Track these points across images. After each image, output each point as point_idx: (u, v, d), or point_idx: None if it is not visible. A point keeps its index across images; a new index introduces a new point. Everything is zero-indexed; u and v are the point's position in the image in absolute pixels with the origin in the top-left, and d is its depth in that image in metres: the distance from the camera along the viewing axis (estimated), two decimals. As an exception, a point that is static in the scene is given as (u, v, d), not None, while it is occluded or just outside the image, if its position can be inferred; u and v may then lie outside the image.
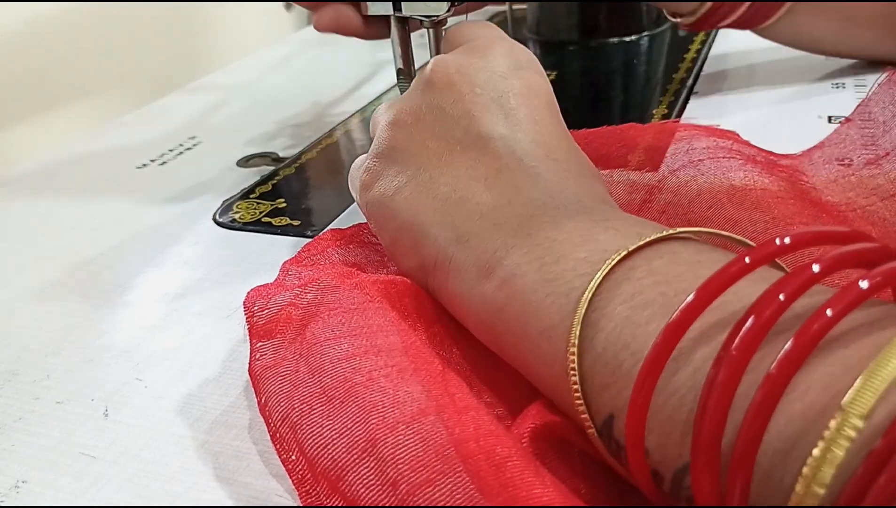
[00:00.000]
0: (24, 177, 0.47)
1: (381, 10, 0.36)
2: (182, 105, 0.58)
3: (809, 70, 0.48)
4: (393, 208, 0.26)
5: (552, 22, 0.61)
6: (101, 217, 0.40)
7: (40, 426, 0.25)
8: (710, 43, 0.58)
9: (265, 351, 0.25)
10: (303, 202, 0.40)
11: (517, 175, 0.25)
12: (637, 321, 0.18)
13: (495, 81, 0.27)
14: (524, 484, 0.17)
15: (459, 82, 0.27)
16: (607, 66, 0.55)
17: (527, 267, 0.22)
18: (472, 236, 0.24)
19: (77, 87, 0.74)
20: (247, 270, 0.34)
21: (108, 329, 0.30)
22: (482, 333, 0.24)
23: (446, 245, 0.25)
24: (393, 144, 0.28)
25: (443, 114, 0.27)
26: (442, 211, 0.25)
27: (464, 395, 0.21)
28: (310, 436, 0.21)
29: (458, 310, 0.25)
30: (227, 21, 0.94)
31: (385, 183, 0.27)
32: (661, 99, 0.47)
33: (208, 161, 0.47)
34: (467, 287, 0.24)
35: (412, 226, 0.26)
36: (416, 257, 0.26)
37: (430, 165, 0.26)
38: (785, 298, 0.16)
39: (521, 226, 0.23)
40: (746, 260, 0.17)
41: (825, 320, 0.15)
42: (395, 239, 0.27)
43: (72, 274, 0.35)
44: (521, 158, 0.25)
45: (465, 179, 0.25)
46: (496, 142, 0.26)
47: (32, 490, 0.23)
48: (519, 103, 0.27)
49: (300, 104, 0.55)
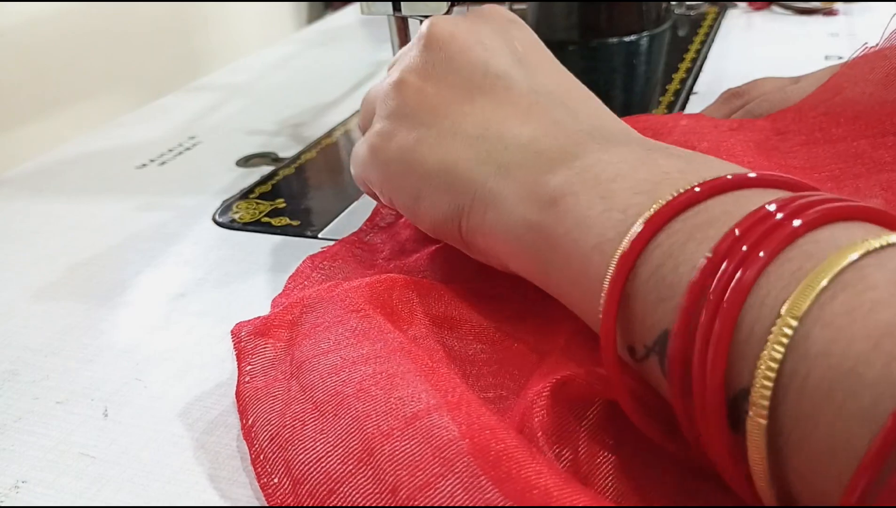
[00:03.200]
0: (24, 177, 0.47)
1: (380, 10, 0.36)
2: (182, 105, 0.58)
3: (809, 70, 0.48)
4: (417, 157, 0.26)
5: (552, 22, 0.61)
6: (101, 217, 0.40)
7: (40, 426, 0.25)
8: (710, 43, 0.58)
9: (254, 373, 0.24)
10: (302, 202, 0.40)
11: (552, 110, 0.25)
12: (701, 237, 0.18)
13: (497, 32, 0.27)
14: (522, 477, 0.18)
15: (461, 36, 0.27)
16: (607, 66, 0.55)
17: (580, 186, 0.21)
18: (514, 166, 0.23)
19: (77, 87, 0.74)
20: (246, 270, 0.34)
21: (108, 329, 0.30)
22: (524, 261, 0.23)
23: (485, 179, 0.24)
24: (403, 101, 0.27)
25: (453, 64, 0.26)
26: (475, 148, 0.25)
27: (456, 389, 0.21)
28: (301, 452, 0.20)
29: (498, 245, 0.24)
30: (227, 21, 0.94)
31: (402, 138, 0.26)
32: (660, 99, 0.47)
33: (208, 161, 0.47)
34: (510, 216, 0.23)
35: (442, 170, 0.25)
36: (448, 202, 0.25)
37: (451, 111, 0.26)
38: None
39: (568, 151, 0.23)
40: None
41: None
42: (419, 191, 0.26)
43: (72, 274, 0.35)
44: (549, 96, 0.25)
45: (494, 118, 0.25)
46: (519, 82, 0.25)
47: (32, 490, 0.23)
48: (527, 50, 0.27)
49: (300, 104, 0.55)
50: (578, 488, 0.18)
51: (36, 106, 0.70)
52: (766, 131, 0.35)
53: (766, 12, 0.66)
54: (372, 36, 0.74)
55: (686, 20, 0.64)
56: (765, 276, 0.16)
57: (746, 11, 0.67)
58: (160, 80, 0.80)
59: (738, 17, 0.65)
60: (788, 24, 0.62)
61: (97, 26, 0.76)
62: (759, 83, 0.39)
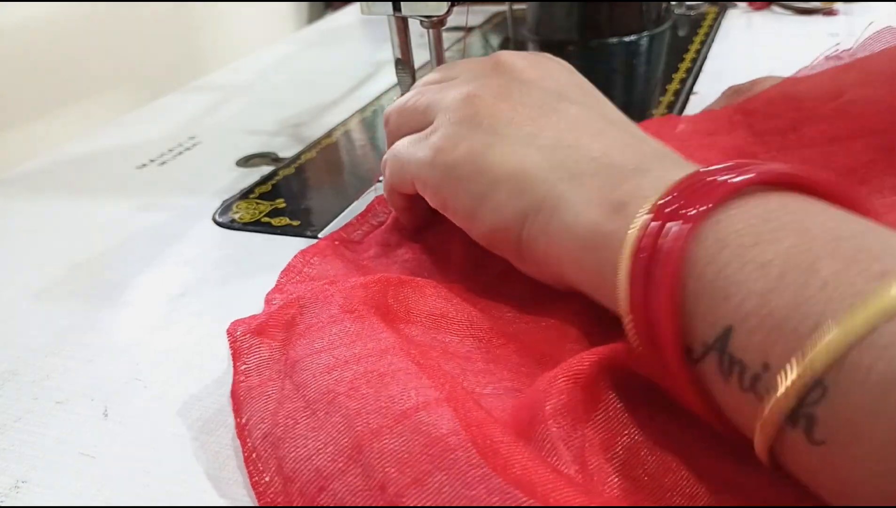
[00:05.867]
0: (24, 177, 0.47)
1: (380, 10, 0.36)
2: (182, 105, 0.58)
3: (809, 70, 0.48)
4: (487, 161, 0.26)
5: (552, 22, 0.61)
6: (101, 217, 0.40)
7: (40, 426, 0.25)
8: (710, 43, 0.58)
9: (249, 373, 0.25)
10: (302, 202, 0.40)
11: (623, 135, 0.26)
12: (768, 238, 0.18)
13: (559, 73, 0.29)
14: (508, 472, 0.18)
15: (532, 68, 0.29)
16: (607, 66, 0.55)
17: (651, 191, 0.21)
18: (586, 175, 0.24)
19: (77, 87, 0.74)
20: (246, 270, 0.34)
21: (108, 329, 0.30)
22: (582, 266, 0.24)
23: (556, 184, 0.25)
24: (476, 111, 0.27)
25: (528, 87, 0.28)
26: (550, 157, 0.25)
27: (446, 387, 0.21)
28: (293, 449, 0.21)
29: (554, 249, 0.25)
30: (227, 21, 0.94)
31: (472, 143, 0.27)
32: (660, 99, 0.47)
33: (208, 161, 0.47)
34: (575, 219, 0.23)
35: (515, 174, 0.26)
36: (514, 205, 0.26)
37: (526, 124, 0.27)
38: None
39: (639, 165, 0.24)
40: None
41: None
42: (485, 194, 0.26)
43: (72, 274, 0.35)
44: (618, 123, 0.27)
45: (568, 134, 0.26)
46: (591, 109, 0.27)
47: (32, 490, 0.23)
48: (588, 91, 0.29)
49: (300, 104, 0.55)
50: (564, 482, 0.18)
51: (36, 106, 0.70)
52: (745, 133, 0.36)
53: (766, 12, 0.66)
54: (372, 36, 0.74)
55: (686, 20, 0.64)
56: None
57: (746, 11, 0.67)
58: (160, 80, 0.80)
59: (738, 17, 0.65)
60: (788, 24, 0.62)
61: (97, 26, 0.76)
62: (762, 82, 0.39)
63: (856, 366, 0.15)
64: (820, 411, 0.16)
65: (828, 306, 0.16)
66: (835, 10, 0.63)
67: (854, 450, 0.15)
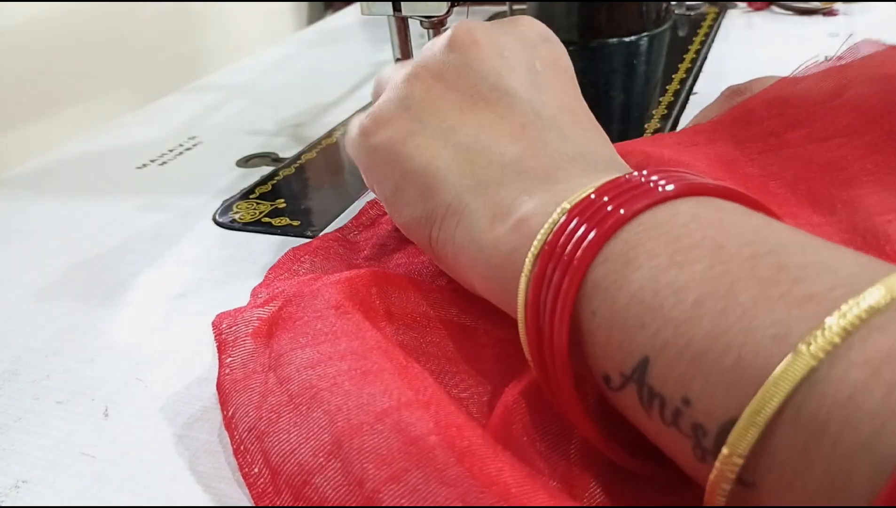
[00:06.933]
0: (24, 177, 0.47)
1: (380, 11, 0.36)
2: (182, 105, 0.58)
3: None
4: (404, 152, 0.26)
5: (552, 22, 0.61)
6: (101, 217, 0.40)
7: (40, 426, 0.25)
8: (710, 43, 0.58)
9: (234, 366, 0.25)
10: (302, 203, 0.40)
11: (544, 132, 0.24)
12: (681, 260, 0.17)
13: (522, 46, 0.27)
14: (483, 473, 0.18)
15: (485, 44, 0.27)
16: (607, 66, 0.55)
17: (552, 207, 0.21)
18: (492, 184, 0.23)
19: (77, 87, 0.74)
20: (247, 270, 0.34)
21: (108, 329, 0.30)
22: (487, 282, 0.23)
23: (462, 192, 0.24)
24: (409, 92, 0.27)
25: (467, 70, 0.26)
26: (461, 159, 0.24)
27: (427, 388, 0.21)
28: (276, 444, 0.21)
29: (462, 260, 0.24)
30: (227, 21, 0.94)
31: (396, 128, 0.26)
32: (660, 99, 0.47)
33: (208, 161, 0.47)
34: (479, 233, 0.23)
35: (425, 172, 0.25)
36: (424, 206, 0.25)
37: (450, 116, 0.26)
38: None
39: (548, 175, 0.23)
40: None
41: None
42: (399, 186, 0.26)
43: (72, 274, 0.35)
44: (548, 119, 0.25)
45: (488, 131, 0.25)
46: (523, 101, 0.25)
47: (32, 490, 0.23)
48: (546, 70, 0.27)
49: (300, 104, 0.55)
50: (539, 485, 0.18)
51: (36, 106, 0.70)
52: (726, 142, 0.36)
53: (766, 12, 0.66)
54: (372, 36, 0.74)
55: (686, 20, 0.64)
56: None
57: (746, 11, 0.67)
58: (160, 80, 0.80)
59: (738, 18, 0.65)
60: (788, 25, 0.62)
61: (97, 26, 0.75)
62: (761, 81, 0.39)
63: (785, 404, 0.14)
64: (749, 452, 0.15)
65: (748, 337, 0.15)
66: (835, 11, 0.63)
67: (786, 494, 0.15)
